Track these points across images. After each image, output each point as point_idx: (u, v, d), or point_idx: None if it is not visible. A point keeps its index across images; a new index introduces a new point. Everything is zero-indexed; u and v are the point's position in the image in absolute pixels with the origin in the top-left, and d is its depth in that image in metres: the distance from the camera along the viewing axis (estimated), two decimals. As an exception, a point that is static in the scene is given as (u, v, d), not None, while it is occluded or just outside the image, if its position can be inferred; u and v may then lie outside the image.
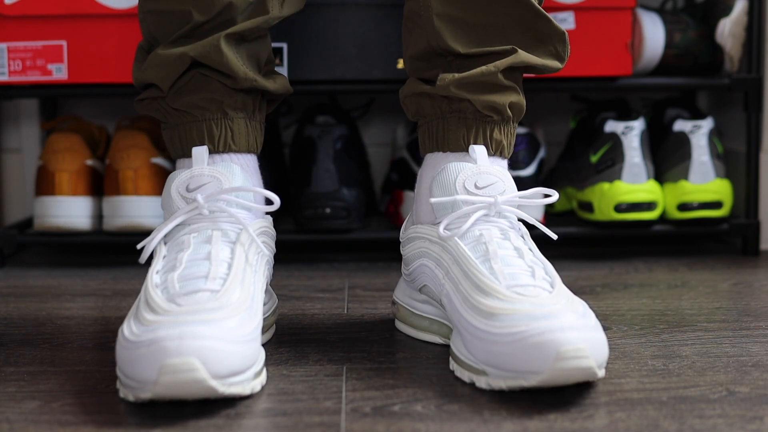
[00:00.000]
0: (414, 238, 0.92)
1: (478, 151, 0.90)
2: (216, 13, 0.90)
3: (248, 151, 0.93)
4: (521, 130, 1.36)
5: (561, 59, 0.93)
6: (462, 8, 0.90)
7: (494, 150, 0.91)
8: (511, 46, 0.90)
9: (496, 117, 0.91)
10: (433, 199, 0.89)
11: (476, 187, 0.88)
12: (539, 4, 0.91)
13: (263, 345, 0.88)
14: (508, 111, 0.91)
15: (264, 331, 0.92)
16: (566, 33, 0.92)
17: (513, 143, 0.93)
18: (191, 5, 0.90)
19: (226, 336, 0.75)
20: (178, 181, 0.89)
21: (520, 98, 0.92)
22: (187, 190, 0.89)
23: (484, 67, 0.89)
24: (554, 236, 0.91)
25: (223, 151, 0.92)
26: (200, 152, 0.90)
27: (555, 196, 0.89)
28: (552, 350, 0.74)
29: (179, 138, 0.93)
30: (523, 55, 0.90)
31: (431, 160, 0.93)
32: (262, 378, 0.80)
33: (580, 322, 0.77)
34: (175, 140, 0.93)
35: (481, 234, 0.86)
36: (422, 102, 0.93)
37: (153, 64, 0.91)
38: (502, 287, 0.81)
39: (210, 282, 0.80)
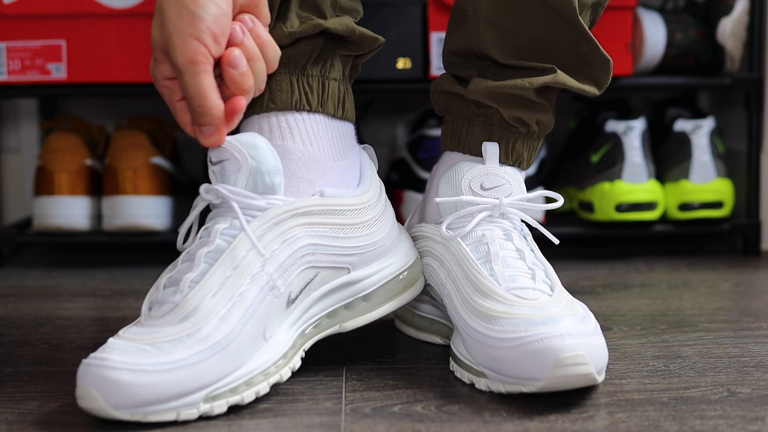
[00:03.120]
0: (418, 237, 0.92)
1: (490, 149, 0.88)
2: None
3: (294, 109, 0.83)
4: None
5: (600, 86, 0.90)
6: (511, 18, 0.87)
7: (513, 161, 0.90)
8: (551, 66, 0.88)
9: (522, 129, 0.89)
10: (438, 199, 0.88)
11: (482, 188, 0.87)
12: (590, 28, 0.89)
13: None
14: (535, 126, 0.90)
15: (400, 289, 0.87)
16: (611, 61, 0.90)
17: (534, 156, 0.91)
18: None
19: (142, 366, 0.70)
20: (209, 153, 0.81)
21: (549, 117, 0.90)
22: (212, 162, 0.81)
23: (518, 80, 0.87)
24: (556, 240, 0.91)
25: (261, 112, 0.83)
26: None
27: (560, 201, 0.88)
28: (551, 357, 0.74)
29: None
30: (562, 77, 0.88)
31: (447, 158, 0.92)
32: (235, 398, 0.75)
33: (580, 327, 0.76)
34: None
35: (484, 234, 0.86)
36: (451, 100, 0.92)
37: None
38: (501, 289, 0.81)
39: (179, 292, 0.76)
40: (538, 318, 0.76)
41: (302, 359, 0.82)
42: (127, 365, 0.70)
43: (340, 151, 0.85)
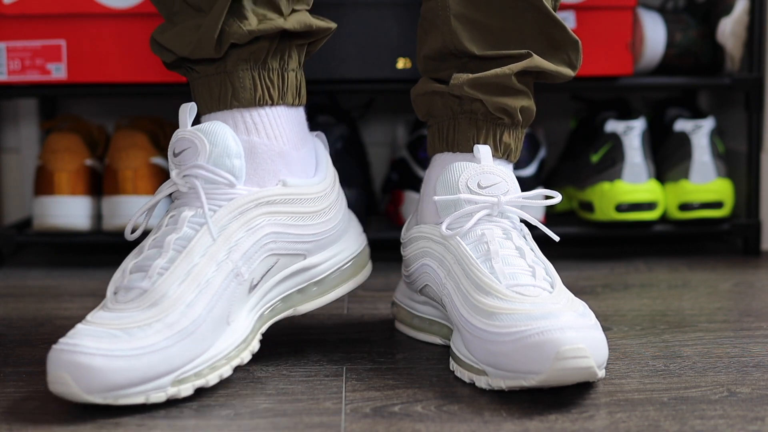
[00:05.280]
0: (416, 238, 0.92)
1: (483, 150, 0.89)
2: None
3: (258, 104, 0.85)
4: None
5: (573, 67, 0.93)
6: (479, 10, 0.89)
7: (502, 153, 0.91)
8: (526, 51, 0.90)
9: (507, 120, 0.90)
10: (436, 197, 0.89)
11: (479, 186, 0.87)
12: (554, 11, 0.91)
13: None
14: (519, 115, 0.91)
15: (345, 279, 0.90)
16: (580, 42, 0.92)
17: (520, 148, 0.93)
18: None
19: (114, 351, 0.72)
20: (170, 145, 0.84)
21: (530, 103, 0.92)
22: (174, 154, 0.83)
23: (498, 69, 0.89)
24: (556, 238, 0.91)
25: (224, 109, 0.85)
26: (185, 109, 0.84)
27: (558, 197, 0.89)
28: (551, 350, 0.74)
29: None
30: (538, 60, 0.90)
31: (439, 160, 0.93)
32: (200, 381, 0.77)
33: (580, 321, 0.76)
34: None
35: (483, 233, 0.86)
36: (433, 102, 0.93)
37: None
38: (502, 287, 0.81)
39: (147, 278, 0.78)
40: (538, 313, 0.77)
41: (302, 359, 0.82)
42: (101, 351, 0.72)
43: (300, 140, 0.88)
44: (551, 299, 0.79)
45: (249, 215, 0.82)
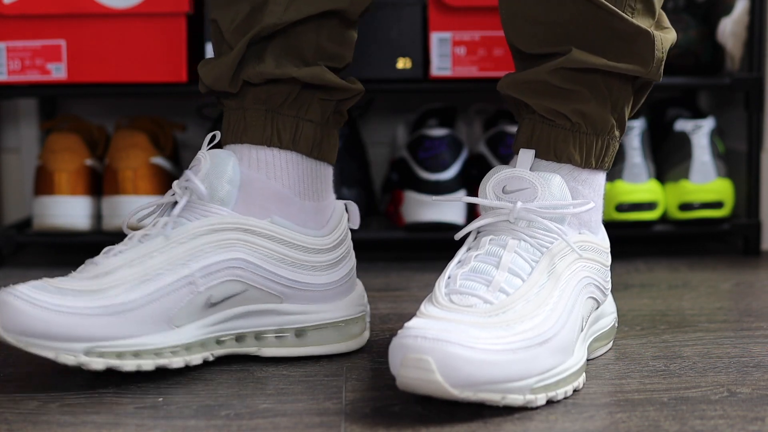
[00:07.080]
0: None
1: (523, 155, 0.83)
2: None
3: (265, 144, 0.87)
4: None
5: (645, 63, 0.83)
6: (525, 4, 0.83)
7: (560, 159, 0.84)
8: (568, 47, 0.82)
9: (562, 123, 0.83)
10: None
11: (504, 191, 0.82)
12: (615, 5, 0.82)
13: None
14: (578, 118, 0.83)
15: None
16: (650, 33, 0.82)
17: (594, 156, 0.85)
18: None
19: (38, 300, 0.77)
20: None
21: (590, 107, 0.83)
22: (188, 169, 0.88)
23: (535, 68, 0.83)
24: (580, 253, 0.84)
25: (235, 142, 0.88)
26: (208, 136, 0.89)
27: (589, 205, 0.84)
28: (400, 355, 0.72)
29: None
30: (579, 55, 0.82)
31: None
32: (116, 362, 0.79)
33: (457, 336, 0.71)
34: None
35: (479, 239, 0.83)
36: (510, 102, 0.88)
37: None
38: (442, 293, 0.78)
39: (104, 256, 0.83)
40: (434, 321, 0.74)
41: (302, 359, 0.82)
42: (26, 297, 0.77)
43: (311, 191, 0.90)
44: (479, 311, 0.75)
45: (224, 235, 0.84)
